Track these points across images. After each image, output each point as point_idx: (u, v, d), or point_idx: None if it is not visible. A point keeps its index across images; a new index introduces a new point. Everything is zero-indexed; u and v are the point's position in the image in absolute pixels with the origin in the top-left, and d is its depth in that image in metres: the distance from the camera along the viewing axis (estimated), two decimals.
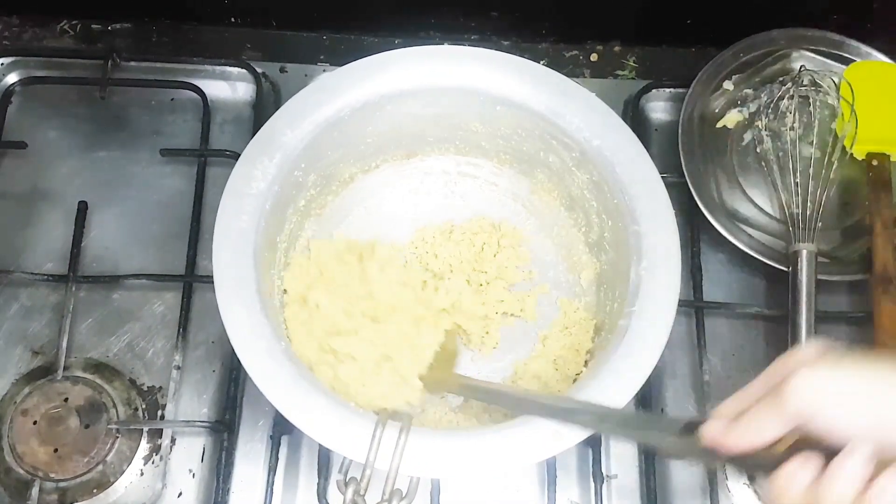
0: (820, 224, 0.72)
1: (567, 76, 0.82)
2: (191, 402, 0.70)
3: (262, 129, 0.65)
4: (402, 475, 0.53)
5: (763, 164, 0.78)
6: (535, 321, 0.71)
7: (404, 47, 0.68)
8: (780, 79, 0.79)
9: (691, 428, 0.44)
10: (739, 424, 0.42)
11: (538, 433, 0.55)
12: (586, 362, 0.67)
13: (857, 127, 0.76)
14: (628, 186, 0.64)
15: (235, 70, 0.82)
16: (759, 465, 0.42)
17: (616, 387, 0.57)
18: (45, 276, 0.73)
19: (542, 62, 0.86)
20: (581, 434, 0.55)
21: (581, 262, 0.72)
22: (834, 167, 0.75)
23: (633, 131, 0.79)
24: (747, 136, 0.79)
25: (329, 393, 0.58)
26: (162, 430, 0.69)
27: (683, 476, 0.70)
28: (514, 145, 0.72)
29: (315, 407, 0.56)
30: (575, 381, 0.65)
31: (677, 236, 0.62)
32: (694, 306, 0.74)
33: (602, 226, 0.68)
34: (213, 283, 0.59)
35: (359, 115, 0.67)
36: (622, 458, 0.70)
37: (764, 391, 0.43)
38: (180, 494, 0.68)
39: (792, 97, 0.78)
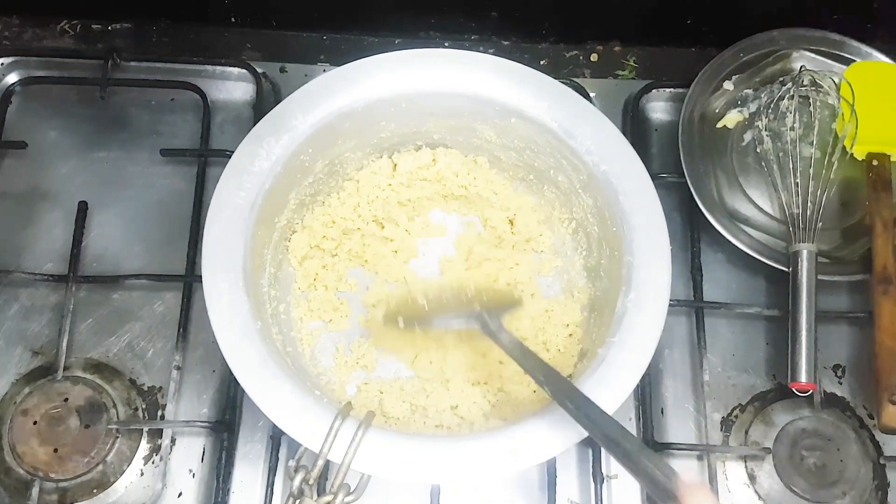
0: (820, 224, 0.72)
1: (567, 76, 0.83)
2: (191, 402, 0.70)
3: (274, 109, 0.65)
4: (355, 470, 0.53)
5: (763, 164, 0.78)
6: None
7: (404, 47, 0.68)
8: (781, 79, 0.79)
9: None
10: None
11: (531, 438, 0.55)
12: None
13: (857, 127, 0.76)
14: (630, 216, 0.63)
15: (235, 70, 0.82)
16: None
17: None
18: (45, 276, 0.73)
19: (542, 62, 0.86)
20: (573, 438, 0.55)
21: (577, 285, 0.71)
22: (834, 167, 0.75)
23: (634, 131, 0.80)
24: (747, 136, 0.79)
25: (297, 380, 0.57)
26: (162, 430, 0.69)
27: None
28: (526, 160, 0.72)
29: (280, 390, 0.56)
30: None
31: (670, 272, 0.61)
32: (694, 306, 0.74)
33: (601, 252, 0.68)
34: None
35: (374, 108, 0.67)
36: None
37: None
38: (180, 494, 0.68)
39: (792, 97, 0.78)
